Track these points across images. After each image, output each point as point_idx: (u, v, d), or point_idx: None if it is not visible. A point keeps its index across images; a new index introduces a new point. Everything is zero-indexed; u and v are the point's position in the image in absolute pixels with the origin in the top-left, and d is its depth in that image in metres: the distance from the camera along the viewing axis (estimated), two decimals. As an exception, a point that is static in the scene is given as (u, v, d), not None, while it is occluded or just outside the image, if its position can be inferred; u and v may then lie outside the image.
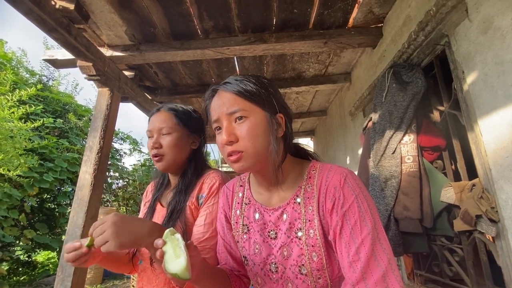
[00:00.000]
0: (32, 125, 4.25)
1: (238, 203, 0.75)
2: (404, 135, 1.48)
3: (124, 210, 7.96)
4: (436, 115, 1.55)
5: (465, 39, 1.21)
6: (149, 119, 1.00)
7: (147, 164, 7.56)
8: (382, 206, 1.48)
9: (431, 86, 1.57)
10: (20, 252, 5.06)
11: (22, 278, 4.98)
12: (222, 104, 0.62)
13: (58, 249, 5.04)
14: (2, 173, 3.86)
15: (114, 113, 2.11)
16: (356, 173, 2.29)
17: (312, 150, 0.82)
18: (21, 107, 4.29)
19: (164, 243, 0.55)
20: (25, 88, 4.65)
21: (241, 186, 0.77)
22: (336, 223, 0.58)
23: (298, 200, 0.65)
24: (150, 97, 2.68)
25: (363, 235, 0.54)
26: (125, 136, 7.57)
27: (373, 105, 1.80)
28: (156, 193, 1.05)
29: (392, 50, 1.82)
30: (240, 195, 0.76)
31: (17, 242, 4.80)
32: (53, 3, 1.56)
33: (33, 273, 5.32)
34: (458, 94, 1.29)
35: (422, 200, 1.36)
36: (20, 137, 4.19)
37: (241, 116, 0.61)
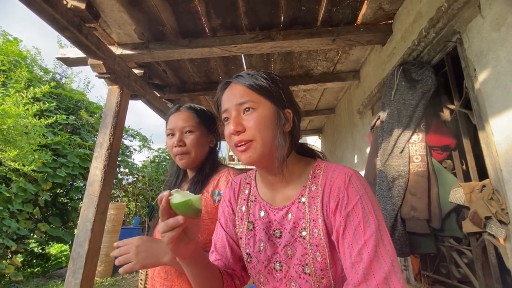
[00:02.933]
0: (46, 122, 4.37)
1: (244, 199, 0.75)
2: (412, 134, 1.45)
3: (134, 206, 8.12)
4: (446, 114, 1.52)
5: (478, 36, 1.17)
6: (168, 118, 1.04)
7: (156, 160, 7.68)
8: (389, 206, 1.46)
9: (441, 84, 1.54)
10: (34, 245, 5.23)
11: (36, 269, 5.15)
12: (233, 96, 0.65)
13: (70, 242, 5.19)
14: (18, 168, 3.99)
15: (123, 110, 2.15)
16: (363, 172, 2.29)
17: (319, 149, 0.82)
18: (35, 104, 4.43)
19: (171, 194, 0.54)
20: (39, 86, 4.79)
21: (247, 183, 0.78)
22: (339, 223, 0.58)
23: (303, 199, 0.65)
24: (158, 95, 2.72)
25: (366, 236, 0.54)
26: (135, 133, 7.70)
27: (381, 104, 1.77)
28: (172, 185, 1.10)
29: (401, 48, 1.79)
30: (247, 192, 0.76)
31: (32, 235, 4.97)
32: (65, 2, 1.60)
33: (47, 265, 5.50)
34: (470, 93, 1.26)
35: (430, 200, 1.34)
36: (35, 133, 4.33)
37: (249, 108, 0.62)
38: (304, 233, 0.62)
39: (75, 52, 2.05)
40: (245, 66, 2.48)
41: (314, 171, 0.67)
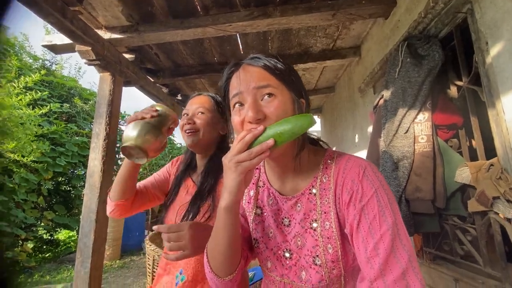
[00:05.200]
0: (40, 111, 4.29)
1: (253, 183, 0.73)
2: (418, 114, 1.40)
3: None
4: (453, 91, 1.46)
5: (491, 6, 1.09)
6: (187, 103, 1.06)
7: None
8: (393, 187, 1.45)
9: (449, 60, 1.46)
10: (42, 232, 5.34)
11: (47, 255, 5.30)
12: (250, 78, 0.58)
13: (76, 228, 5.31)
14: (17, 159, 3.96)
15: (117, 98, 2.08)
16: (365, 152, 2.26)
17: (324, 141, 0.78)
18: (28, 94, 4.31)
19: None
20: (30, 74, 4.64)
21: (256, 168, 0.75)
22: (353, 217, 0.56)
23: (314, 191, 0.62)
24: (152, 80, 2.62)
25: (382, 231, 0.51)
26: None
27: (384, 82, 1.70)
28: (184, 170, 1.09)
29: (406, 21, 1.68)
30: (255, 176, 0.74)
31: (39, 222, 5.06)
32: (44, -16, 1.48)
33: (57, 250, 5.66)
34: (480, 68, 1.20)
35: (435, 180, 1.32)
36: (30, 124, 4.25)
37: (270, 93, 0.57)
38: (314, 225, 0.61)
39: (61, 39, 1.93)
40: (240, 46, 2.36)
41: (326, 161, 0.64)
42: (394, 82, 1.59)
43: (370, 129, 2.34)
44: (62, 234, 6.41)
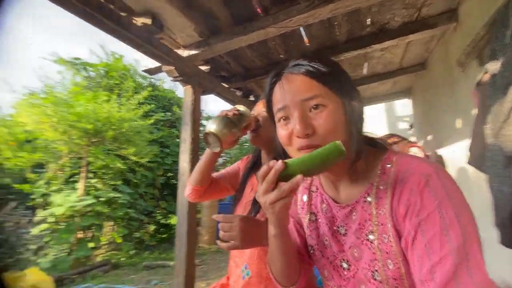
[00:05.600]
0: (150, 121, 5.35)
1: (306, 188, 0.71)
2: (542, 89, 1.04)
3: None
4: None
5: None
6: None
7: (239, 142, 8.31)
8: (507, 188, 1.13)
9: None
10: (159, 217, 6.64)
11: (163, 236, 6.57)
12: (293, 89, 0.54)
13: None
14: (137, 160, 5.07)
15: (198, 107, 2.36)
16: (465, 142, 1.79)
17: (382, 140, 0.69)
18: (141, 108, 5.42)
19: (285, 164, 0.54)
20: (141, 92, 5.81)
21: None
22: (408, 232, 0.48)
23: (369, 199, 0.56)
24: (226, 86, 2.85)
25: (443, 253, 0.43)
26: (207, 116, 8.47)
27: (490, 51, 1.33)
28: (251, 167, 1.18)
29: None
30: (308, 180, 0.72)
31: (156, 210, 6.32)
32: (134, 21, 1.82)
33: (171, 232, 6.92)
34: None
35: None
36: (144, 132, 5.35)
37: (318, 104, 0.52)
38: (371, 237, 0.55)
39: (153, 62, 2.33)
40: (305, 38, 2.28)
41: (384, 166, 0.56)
42: (504, 50, 1.21)
43: (476, 111, 1.86)
44: (174, 219, 7.83)
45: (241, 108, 1.07)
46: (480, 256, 0.43)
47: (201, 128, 2.42)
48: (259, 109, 1.10)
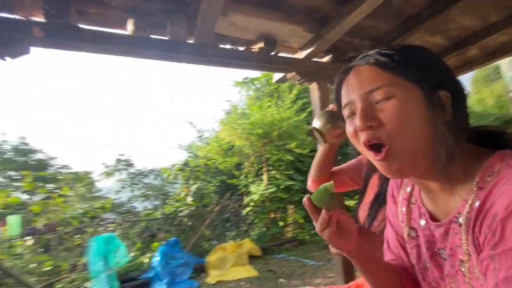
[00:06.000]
0: (304, 115, 5.81)
1: (405, 199, 0.62)
2: None
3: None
4: None
5: None
6: None
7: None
8: None
9: None
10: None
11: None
12: (358, 82, 0.49)
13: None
14: (300, 152, 5.70)
15: (326, 100, 2.36)
16: None
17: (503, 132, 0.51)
18: (295, 104, 6.01)
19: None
20: (293, 90, 6.42)
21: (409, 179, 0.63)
22: (481, 263, 0.41)
23: (461, 220, 0.46)
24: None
25: None
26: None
27: None
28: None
29: None
30: (408, 189, 0.62)
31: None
32: (254, 49, 2.16)
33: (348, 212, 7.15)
34: None
35: None
36: (302, 125, 5.89)
37: (385, 95, 0.45)
38: (463, 269, 0.46)
39: (278, 74, 2.60)
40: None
41: (484, 176, 0.44)
42: None
43: None
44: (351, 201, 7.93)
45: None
46: None
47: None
48: None
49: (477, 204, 0.43)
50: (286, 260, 4.42)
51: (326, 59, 2.46)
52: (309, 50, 2.24)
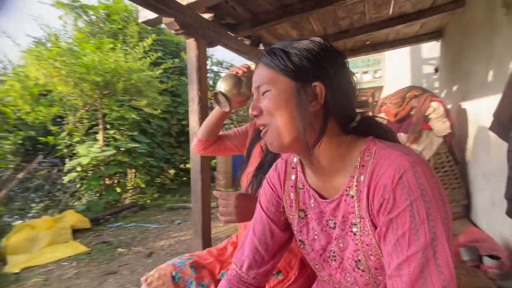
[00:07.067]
0: (159, 71, 5.19)
1: (292, 186, 0.70)
2: None
3: (240, 131, 9.27)
4: None
5: None
6: None
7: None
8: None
9: None
10: (178, 163, 7.04)
11: (184, 179, 7.06)
12: (254, 78, 0.62)
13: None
14: (150, 111, 5.13)
15: (203, 62, 2.23)
16: (496, 107, 1.63)
17: (383, 119, 0.65)
18: (147, 57, 5.20)
19: None
20: (147, 37, 5.49)
21: (293, 168, 0.72)
22: (380, 227, 0.50)
23: (351, 193, 0.57)
24: (233, 35, 2.61)
25: (410, 252, 0.45)
26: (229, 65, 8.09)
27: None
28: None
29: None
30: (293, 177, 0.70)
31: (174, 157, 6.66)
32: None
33: (189, 176, 7.40)
34: None
35: None
36: (153, 82, 5.24)
37: (265, 89, 0.58)
38: (355, 229, 0.57)
39: (152, 13, 2.13)
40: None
41: (363, 157, 0.55)
42: None
43: (512, 65, 1.64)
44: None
45: (253, 65, 1.04)
46: (449, 253, 0.44)
47: (211, 87, 2.33)
48: None
49: (362, 178, 0.54)
50: (124, 228, 4.03)
51: (207, 16, 2.28)
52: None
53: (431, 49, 3.92)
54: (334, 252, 0.63)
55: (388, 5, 2.51)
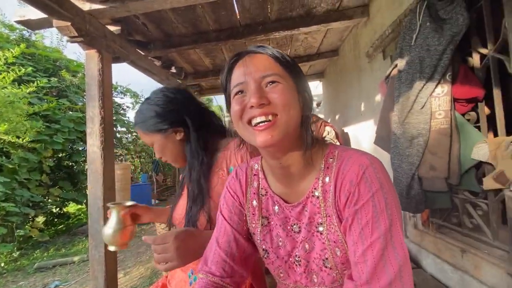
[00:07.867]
0: (28, 89, 4.06)
1: (254, 193, 0.69)
2: (436, 87, 1.30)
3: (138, 162, 8.26)
4: (475, 60, 1.33)
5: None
6: None
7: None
8: (406, 165, 1.41)
9: (473, 23, 1.31)
10: (52, 207, 5.47)
11: (59, 227, 5.51)
12: (254, 66, 0.56)
13: (85, 201, 5.41)
14: (12, 140, 3.87)
15: (108, 77, 1.92)
16: (371, 123, 2.15)
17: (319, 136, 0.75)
18: (10, 71, 4.03)
19: None
20: (8, 48, 4.29)
21: (254, 175, 0.70)
22: (346, 219, 0.54)
23: (316, 193, 0.60)
24: (143, 53, 2.42)
25: (373, 238, 0.50)
26: (124, 89, 7.30)
27: (398, 49, 1.56)
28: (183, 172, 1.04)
29: (427, -25, 1.47)
30: (255, 184, 0.69)
31: (47, 199, 5.15)
32: None
33: (68, 222, 5.84)
34: (509, 34, 1.07)
35: (450, 158, 1.28)
36: (19, 102, 4.05)
37: (275, 81, 0.56)
38: (321, 228, 0.59)
39: (36, 13, 1.70)
40: (237, 10, 2.13)
41: (327, 160, 0.60)
42: (410, 50, 1.45)
43: (378, 98, 2.23)
44: (71, 207, 6.59)
45: (113, 208, 0.92)
46: (401, 234, 0.51)
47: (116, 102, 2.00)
48: None
49: (327, 179, 0.58)
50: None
51: (113, 28, 2.03)
52: (98, 7, 1.74)
53: (315, 87, 4.86)
54: (299, 257, 0.63)
55: (288, 46, 2.99)
